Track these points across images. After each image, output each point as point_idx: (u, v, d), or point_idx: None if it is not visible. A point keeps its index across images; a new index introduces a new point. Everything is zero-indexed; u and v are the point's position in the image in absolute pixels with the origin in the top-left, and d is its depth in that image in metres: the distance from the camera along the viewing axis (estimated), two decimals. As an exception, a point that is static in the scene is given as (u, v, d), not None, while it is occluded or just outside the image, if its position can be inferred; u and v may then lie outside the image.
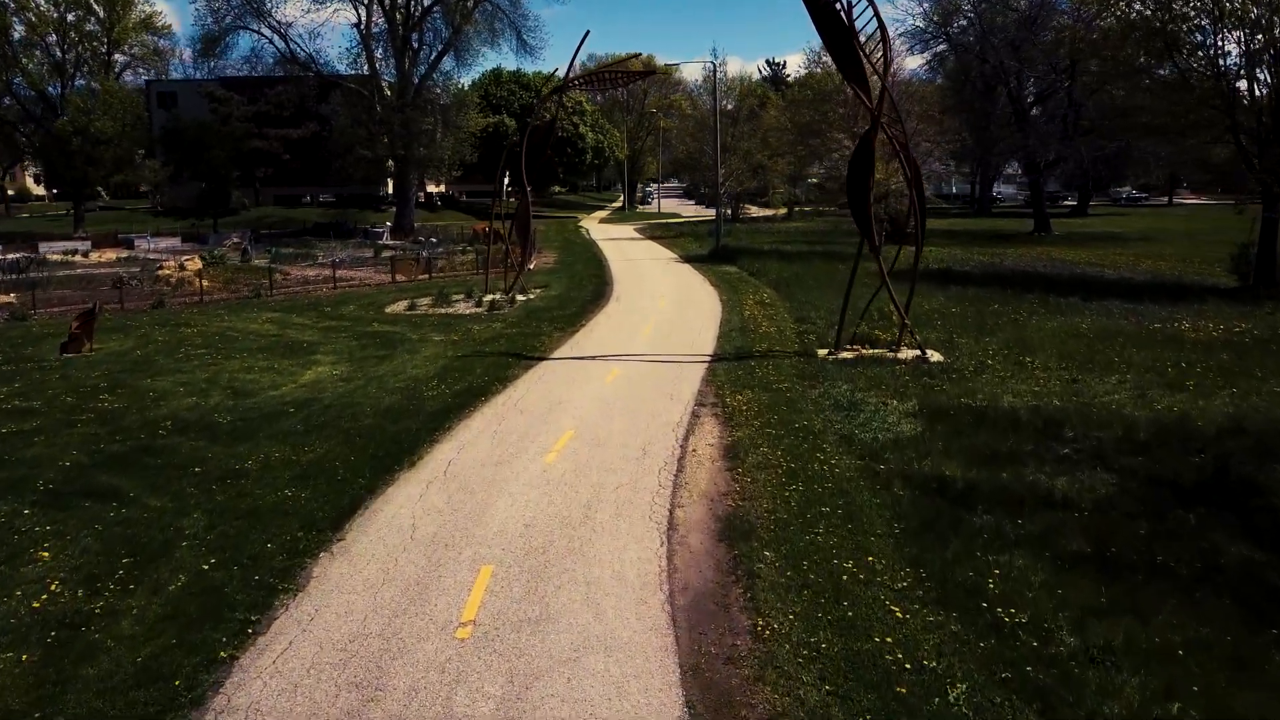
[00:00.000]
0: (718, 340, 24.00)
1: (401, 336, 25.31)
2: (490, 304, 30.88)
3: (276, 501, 12.33)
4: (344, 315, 29.86)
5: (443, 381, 19.39)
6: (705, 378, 19.61)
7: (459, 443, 15.00)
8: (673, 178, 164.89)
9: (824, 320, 26.32)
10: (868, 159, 20.72)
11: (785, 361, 20.98)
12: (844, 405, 16.92)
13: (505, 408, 17.22)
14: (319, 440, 15.17)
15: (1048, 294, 32.35)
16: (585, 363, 21.44)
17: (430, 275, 41.04)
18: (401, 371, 20.67)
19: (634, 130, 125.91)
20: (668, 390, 18.47)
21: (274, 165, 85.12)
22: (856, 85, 20.82)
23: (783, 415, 16.29)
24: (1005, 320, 26.79)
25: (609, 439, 15.04)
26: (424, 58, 71.25)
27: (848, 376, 19.26)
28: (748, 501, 12.16)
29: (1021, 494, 12.30)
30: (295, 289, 37.83)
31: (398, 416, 16.60)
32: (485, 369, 20.56)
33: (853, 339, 22.25)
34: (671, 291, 34.71)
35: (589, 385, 18.97)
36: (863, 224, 21.04)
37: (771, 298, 31.91)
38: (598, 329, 26.27)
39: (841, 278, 38.32)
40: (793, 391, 18.11)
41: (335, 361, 22.27)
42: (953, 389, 18.24)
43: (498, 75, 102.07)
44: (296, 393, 18.95)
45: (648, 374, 20.05)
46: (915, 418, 16.16)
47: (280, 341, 25.07)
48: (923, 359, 20.88)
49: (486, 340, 24.42)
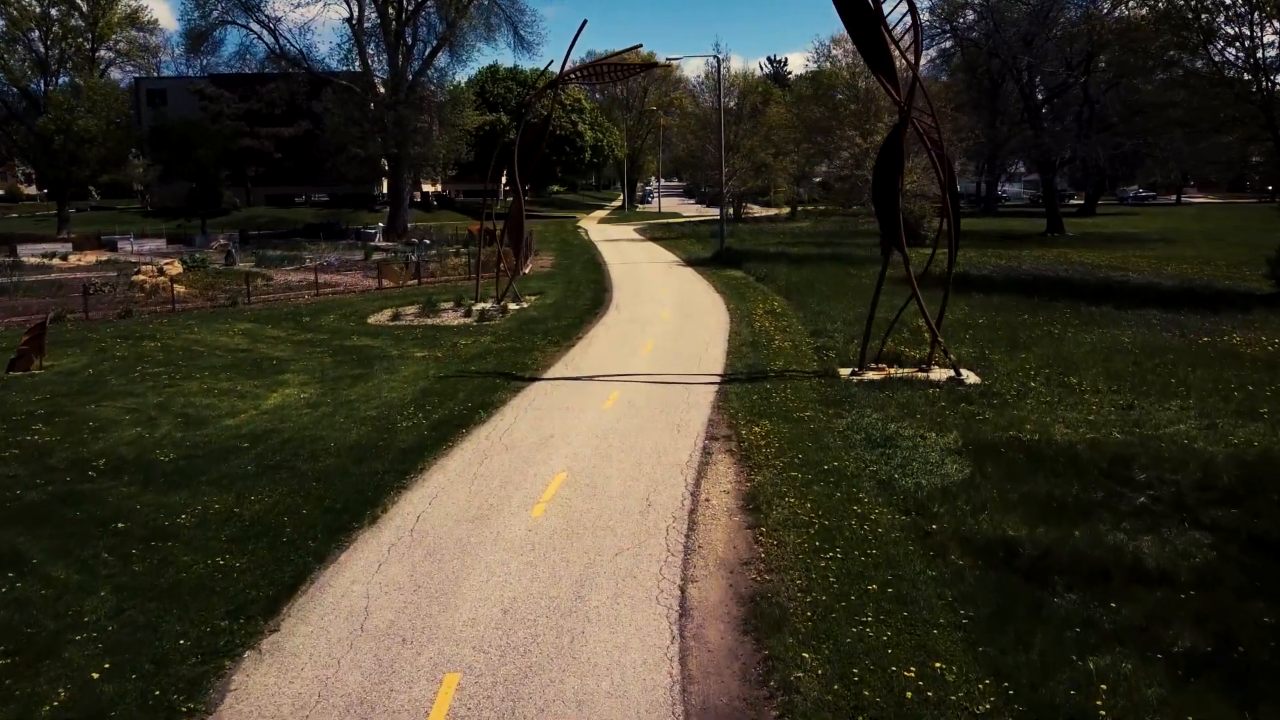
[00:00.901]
0: (727, 357, 21.85)
1: (381, 352, 23.16)
2: (480, 314, 28.73)
3: (204, 574, 10.17)
4: (322, 326, 27.70)
5: (420, 408, 17.23)
6: (716, 403, 17.46)
7: (432, 490, 12.84)
8: (673, 176, 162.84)
9: (843, 334, 24.17)
10: (897, 157, 18.57)
11: (804, 383, 18.82)
12: (877, 440, 14.78)
13: (488, 442, 15.07)
14: (270, 486, 13.02)
15: (1077, 302, 30.23)
16: (581, 384, 19.30)
17: (419, 281, 38.88)
18: (376, 395, 18.52)
19: (634, 129, 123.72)
20: (674, 419, 16.32)
21: (265, 164, 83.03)
22: (883, 75, 18.66)
23: (808, 453, 14.14)
24: (1039, 333, 24.65)
25: (607, 485, 12.89)
26: (418, 54, 69.11)
27: (877, 402, 17.11)
28: (775, 574, 10.01)
29: (1105, 562, 10.16)
30: (276, 296, 35.69)
31: (364, 454, 14.44)
32: (469, 393, 18.40)
33: (878, 357, 20.11)
34: (675, 299, 32.56)
35: (585, 413, 16.82)
36: (890, 229, 18.89)
37: (783, 307, 29.75)
38: (596, 343, 24.12)
39: (857, 283, 36.32)
40: (816, 421, 15.96)
41: (305, 382, 20.12)
42: (996, 418, 16.10)
43: (494, 72, 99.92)
44: (256, 422, 16.80)
45: (651, 398, 17.91)
46: (960, 456, 14.02)
47: (248, 358, 22.92)
48: (957, 380, 18.73)
49: (473, 357, 22.25)
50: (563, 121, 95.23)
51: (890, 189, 18.69)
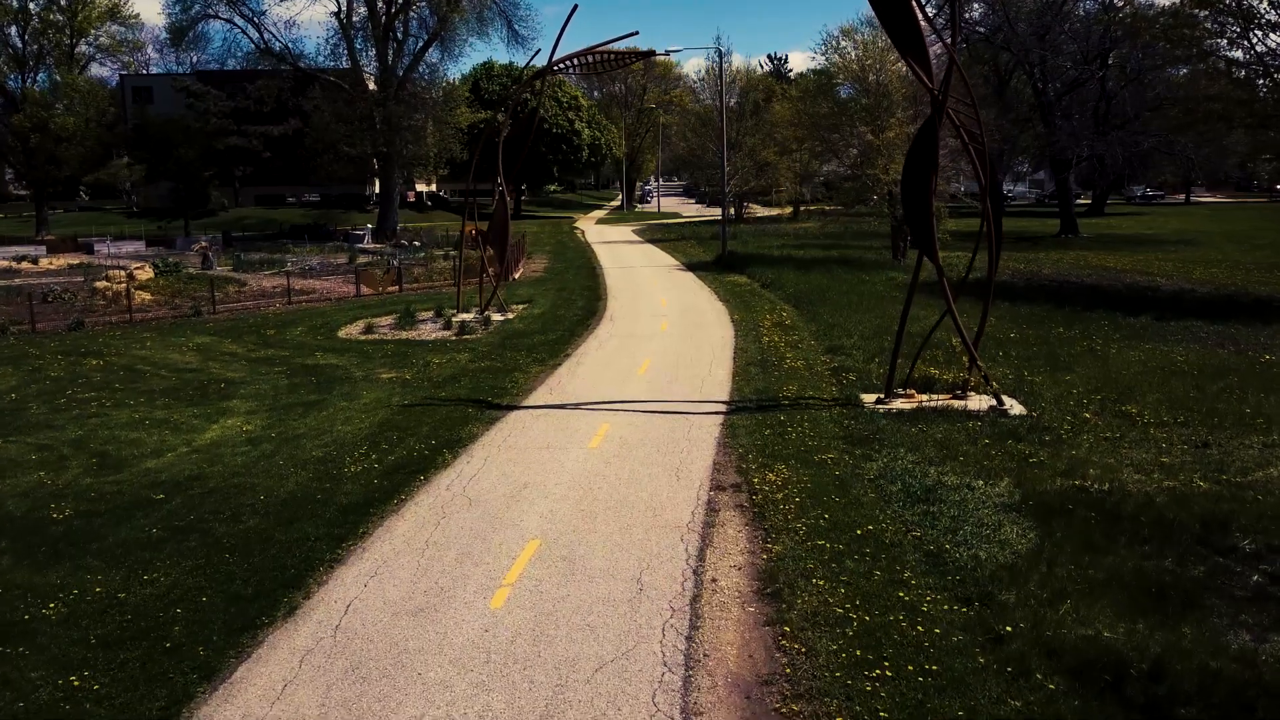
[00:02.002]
0: (733, 379, 19.34)
1: (344, 373, 20.64)
2: (460, 326, 26.21)
3: (45, 704, 7.68)
4: (286, 341, 25.19)
5: (375, 447, 14.73)
6: (722, 439, 14.96)
7: (371, 565, 10.35)
8: (672, 176, 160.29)
9: (861, 350, 21.67)
10: (930, 152, 16.07)
11: (823, 414, 16.32)
12: (917, 492, 12.28)
13: (450, 494, 12.56)
14: (172, 559, 10.53)
15: (1113, 312, 27.76)
16: (566, 415, 16.79)
17: (400, 287, 36.35)
18: (327, 429, 16.01)
19: (632, 127, 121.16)
20: (673, 461, 13.83)
21: (254, 164, 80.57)
22: (913, 59, 16.17)
23: (835, 511, 11.64)
24: (1079, 349, 22.18)
25: (588, 558, 10.39)
26: (409, 49, 66.66)
27: (910, 440, 14.61)
28: (806, 703, 7.52)
29: (1242, 684, 7.69)
30: (247, 304, 33.19)
31: (297, 511, 11.94)
32: (435, 426, 15.89)
33: (906, 381, 17.61)
34: (674, 309, 30.04)
35: (568, 453, 14.32)
36: (921, 236, 16.39)
37: (792, 318, 27.23)
38: (585, 362, 21.61)
39: (870, 290, 33.80)
40: (842, 466, 13.47)
41: (252, 411, 17.62)
42: (1053, 461, 13.61)
43: (489, 69, 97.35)
44: (181, 464, 14.31)
45: (647, 433, 15.41)
46: (1019, 514, 11.53)
47: (195, 380, 20.42)
48: (1000, 410, 16.24)
49: (446, 379, 19.73)
50: (559, 120, 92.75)
51: (922, 189, 16.20)
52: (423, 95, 66.58)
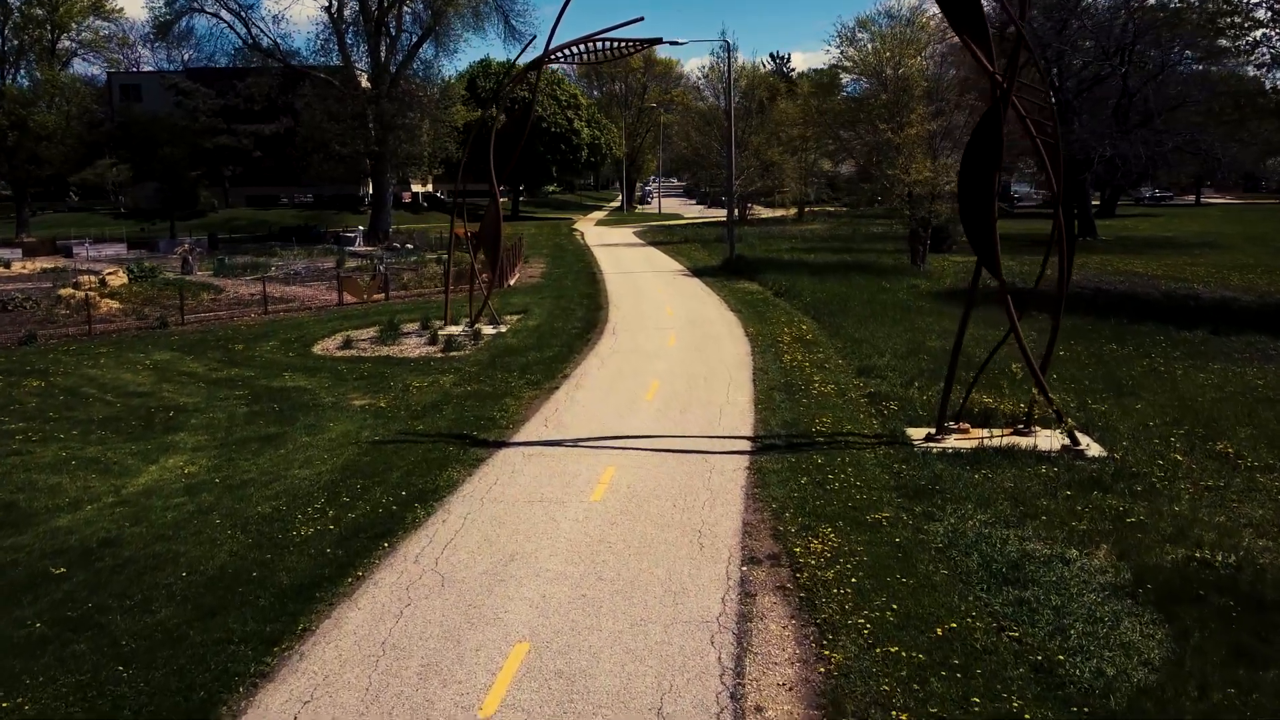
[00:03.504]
0: (755, 407, 16.87)
1: (311, 399, 18.17)
2: (447, 340, 23.75)
3: None
4: (254, 358, 22.73)
5: (334, 500, 12.27)
6: (749, 489, 12.51)
7: (306, 684, 7.89)
8: (672, 176, 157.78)
9: (897, 372, 19.21)
10: (993, 147, 13.63)
11: (867, 455, 13.87)
12: (999, 568, 9.84)
13: (417, 571, 10.11)
14: (48, 672, 8.07)
15: (1163, 324, 25.34)
16: (563, 454, 14.33)
17: (386, 295, 33.85)
18: (282, 473, 13.56)
19: (632, 126, 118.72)
20: (693, 521, 11.38)
21: (244, 163, 78.10)
22: (970, 37, 13.74)
23: (904, 597, 9.20)
24: (1140, 369, 19.76)
25: (592, 674, 7.94)
26: (402, 45, 64.22)
27: (976, 491, 12.17)
28: None
29: None
30: (220, 314, 30.72)
31: (226, 595, 9.49)
32: (407, 471, 13.43)
33: (959, 413, 15.17)
34: (682, 320, 27.58)
35: (565, 510, 11.87)
36: (983, 243, 13.94)
37: (813, 332, 24.76)
38: (585, 384, 19.14)
39: (893, 300, 31.17)
40: (901, 528, 11.02)
41: (199, 447, 15.18)
42: (1155, 521, 11.18)
43: (486, 66, 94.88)
44: (102, 519, 11.87)
45: (659, 480, 12.96)
46: (1135, 601, 9.10)
47: (143, 406, 17.96)
48: (1075, 451, 13.79)
49: (426, 407, 17.25)
50: (558, 118, 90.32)
51: (983, 190, 13.76)
52: (417, 93, 64.14)
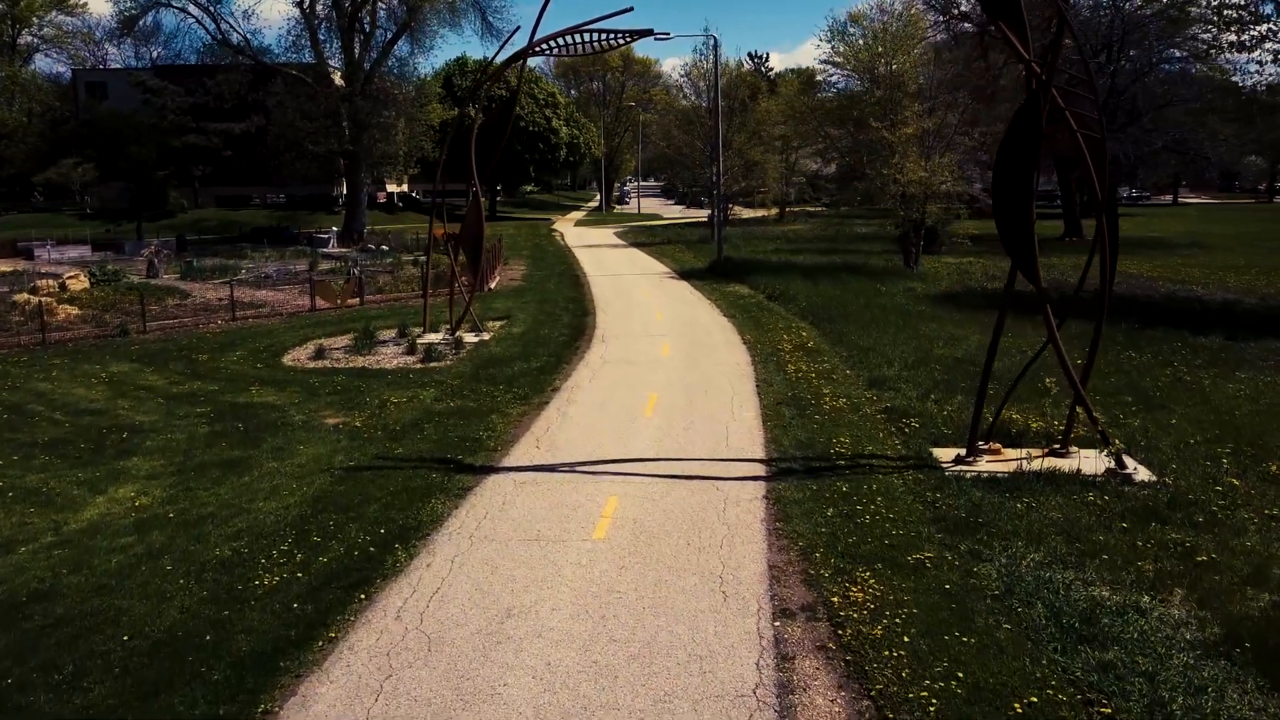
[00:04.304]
0: (765, 425, 15.57)
1: (280, 416, 16.69)
2: (426, 350, 22.31)
3: None
4: (219, 370, 21.20)
5: (303, 539, 10.86)
6: (770, 523, 11.19)
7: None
8: (649, 176, 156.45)
9: (911, 384, 17.99)
10: (1031, 145, 12.43)
11: (895, 480, 12.61)
12: (1070, 620, 8.58)
13: (399, 633, 8.71)
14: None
15: (1175, 329, 24.33)
16: (559, 482, 12.97)
17: (361, 300, 32.33)
18: (245, 506, 12.11)
19: (610, 126, 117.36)
20: (712, 564, 10.05)
21: (214, 163, 75.97)
22: (1008, 25, 12.52)
23: (968, 660, 7.91)
24: (1164, 379, 18.67)
25: (614, 769, 6.63)
26: (376, 42, 62.50)
27: (1023, 523, 10.93)
28: None
29: None
30: (185, 320, 29.08)
31: (170, 668, 8.03)
32: (386, 503, 12.02)
33: (988, 432, 13.95)
34: (674, 326, 26.27)
35: (566, 551, 10.51)
36: (1020, 249, 12.74)
37: (814, 339, 23.51)
38: (578, 399, 17.78)
39: (891, 303, 29.82)
40: (948, 571, 9.75)
41: (153, 474, 13.70)
42: (1225, 557, 9.99)
43: (462, 64, 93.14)
44: (36, 564, 10.39)
45: (668, 512, 11.63)
46: (1231, 663, 7.87)
47: (94, 426, 16.44)
48: (1122, 474, 12.60)
49: (405, 427, 15.83)
50: (536, 117, 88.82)
51: (1021, 192, 12.56)
52: (392, 91, 62.47)
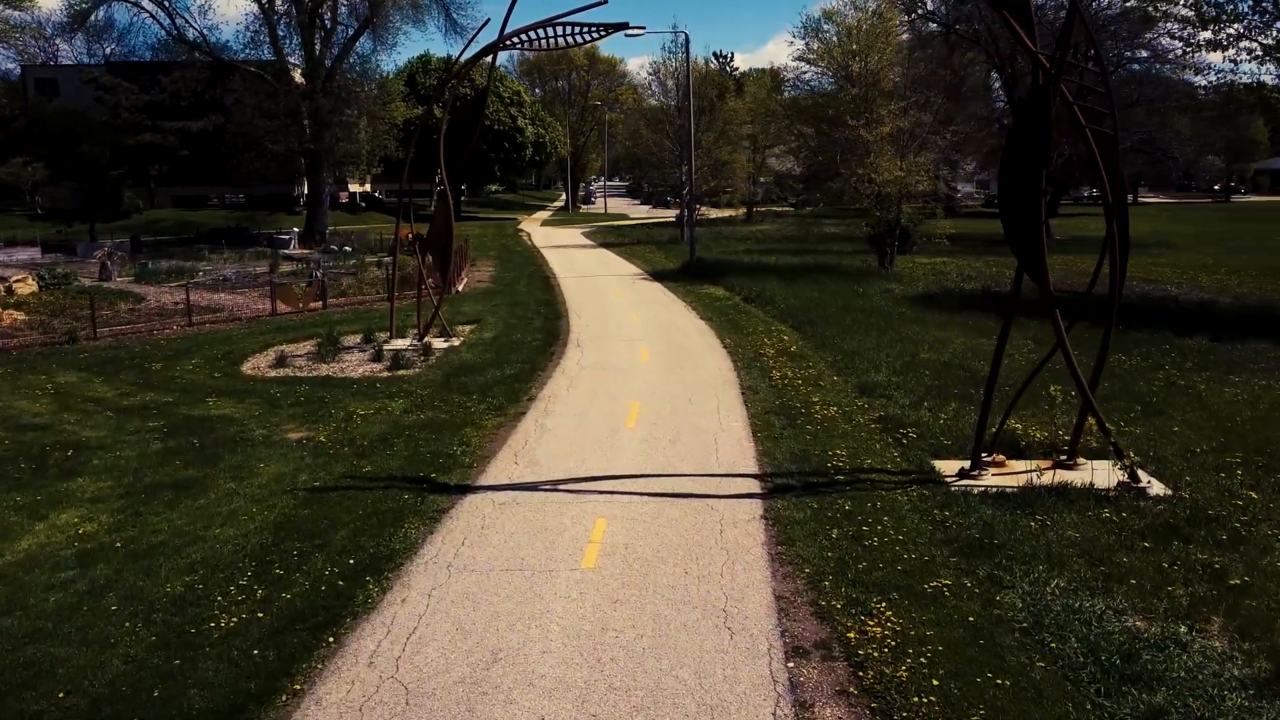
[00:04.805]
0: (755, 436, 14.80)
1: (239, 432, 15.65)
2: (394, 357, 21.32)
3: None
4: (174, 380, 20.07)
5: (265, 572, 9.91)
6: (772, 546, 10.41)
7: None
8: (614, 176, 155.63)
9: (902, 391, 17.33)
10: (1040, 142, 11.79)
11: (899, 497, 11.89)
12: (1109, 657, 7.89)
13: (371, 682, 7.80)
14: None
15: (1159, 330, 23.98)
16: (541, 502, 12.11)
17: (324, 304, 31.20)
18: (201, 532, 11.12)
19: (576, 125, 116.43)
20: (713, 595, 9.25)
21: (170, 162, 73.88)
22: (1013, 15, 11.88)
23: (1007, 709, 7.15)
24: (1157, 383, 18.20)
25: None
26: (338, 38, 61.11)
27: (1040, 544, 10.25)
28: None
29: None
30: (138, 326, 27.79)
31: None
32: (355, 529, 11.10)
33: (991, 443, 13.31)
34: (650, 330, 25.48)
35: (554, 583, 9.65)
36: (1026, 248, 12.12)
37: (796, 343, 22.82)
38: (556, 409, 16.91)
39: (868, 305, 29.07)
40: (969, 600, 9.03)
41: (100, 497, 12.64)
42: (1258, 580, 9.36)
43: (425, 62, 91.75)
44: (-36, 605, 9.37)
45: (661, 535, 10.82)
46: (1289, 702, 7.25)
47: (39, 443, 15.30)
48: (1136, 488, 11.99)
49: (374, 441, 14.87)
50: (501, 116, 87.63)
51: (1029, 191, 11.91)
52: (354, 88, 61.17)
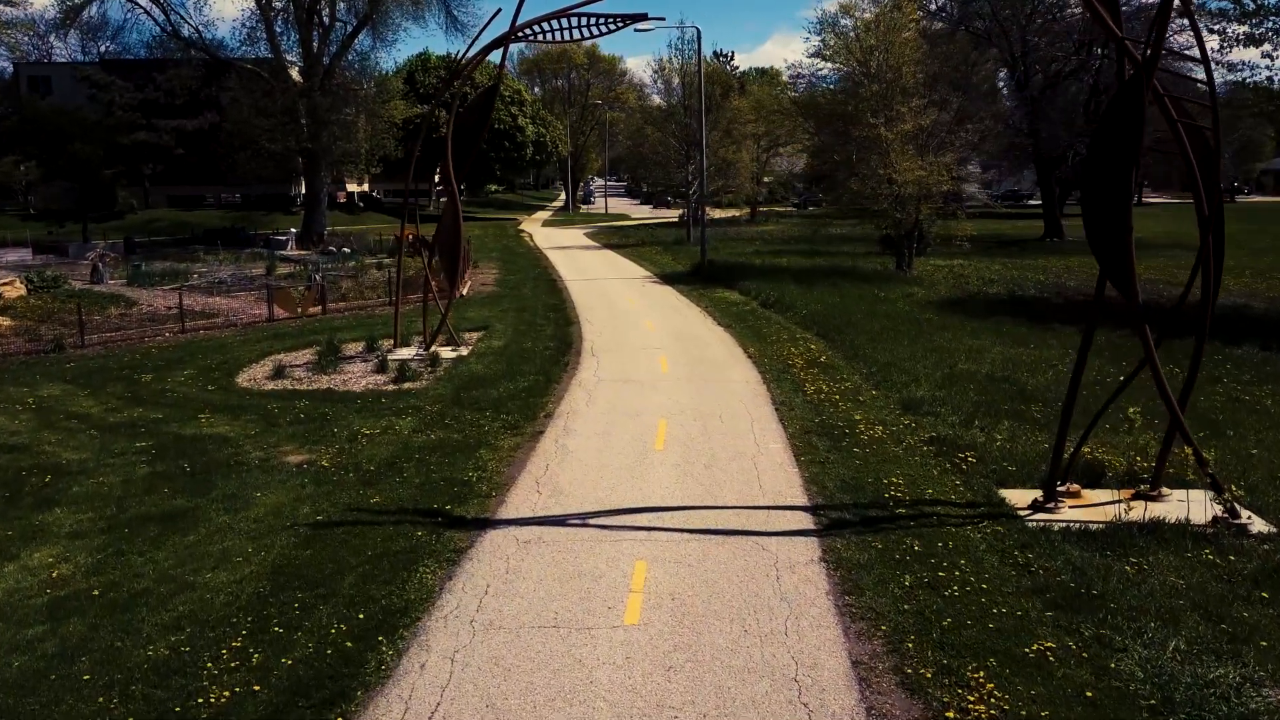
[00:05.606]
0: (797, 460, 13.52)
1: (233, 455, 14.35)
2: (399, 368, 20.05)
3: None
4: (165, 392, 18.79)
5: (261, 631, 8.62)
6: (839, 599, 9.12)
7: None
8: (611, 175, 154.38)
9: (948, 406, 16.06)
10: (1129, 139, 10.54)
11: (972, 535, 10.63)
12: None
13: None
14: None
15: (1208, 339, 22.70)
16: (570, 541, 10.84)
17: (324, 309, 29.92)
18: (190, 577, 9.84)
19: (576, 125, 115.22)
20: (780, 661, 7.98)
21: (165, 161, 72.63)
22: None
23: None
24: (1218, 398, 16.94)
25: None
26: (336, 35, 59.82)
27: (1144, 594, 9.00)
28: None
29: None
30: (129, 332, 26.52)
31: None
32: (363, 575, 9.80)
33: (1065, 471, 12.06)
34: (669, 339, 24.21)
35: (594, 646, 8.36)
36: (1113, 254, 10.85)
37: (826, 353, 21.55)
38: (576, 429, 15.63)
39: (892, 310, 27.71)
40: (1079, 669, 7.76)
41: (78, 532, 11.36)
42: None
43: (425, 60, 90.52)
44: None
45: (710, 583, 9.52)
46: None
47: (14, 467, 14.00)
48: (1234, 524, 10.76)
49: (381, 466, 13.58)
50: (502, 115, 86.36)
51: (1119, 192, 10.66)
52: (352, 86, 59.94)
